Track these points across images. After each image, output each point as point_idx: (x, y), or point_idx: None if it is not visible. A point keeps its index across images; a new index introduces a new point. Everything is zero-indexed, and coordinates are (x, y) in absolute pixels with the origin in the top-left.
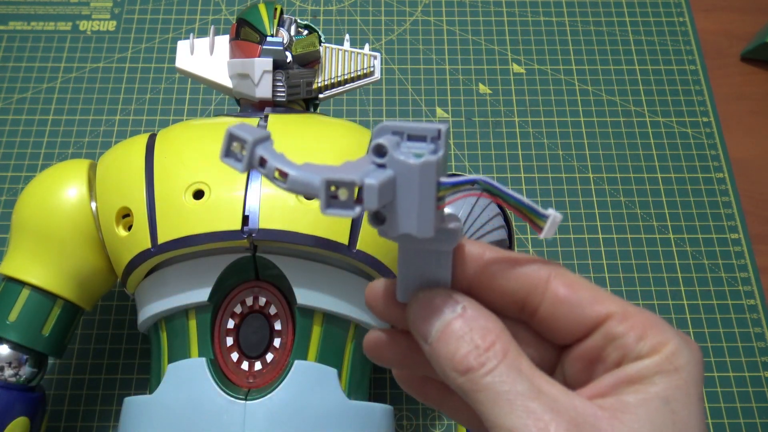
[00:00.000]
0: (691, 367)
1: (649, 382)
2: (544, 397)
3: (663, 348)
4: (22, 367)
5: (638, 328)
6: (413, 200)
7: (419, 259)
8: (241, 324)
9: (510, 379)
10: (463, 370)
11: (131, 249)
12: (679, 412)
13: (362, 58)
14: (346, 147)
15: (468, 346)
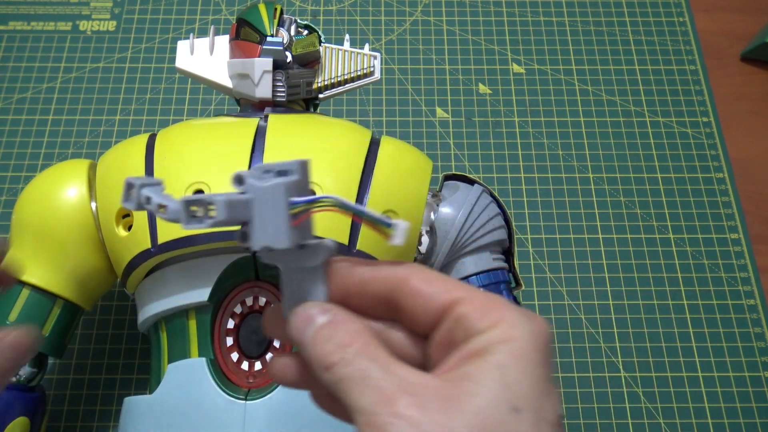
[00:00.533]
0: (526, 336)
1: (488, 352)
2: (394, 377)
3: (501, 322)
4: (22, 367)
5: (480, 308)
6: (269, 216)
7: (296, 277)
8: (241, 324)
9: (364, 367)
10: (328, 366)
11: (131, 249)
12: (510, 374)
13: (362, 58)
14: (346, 147)
15: (333, 345)
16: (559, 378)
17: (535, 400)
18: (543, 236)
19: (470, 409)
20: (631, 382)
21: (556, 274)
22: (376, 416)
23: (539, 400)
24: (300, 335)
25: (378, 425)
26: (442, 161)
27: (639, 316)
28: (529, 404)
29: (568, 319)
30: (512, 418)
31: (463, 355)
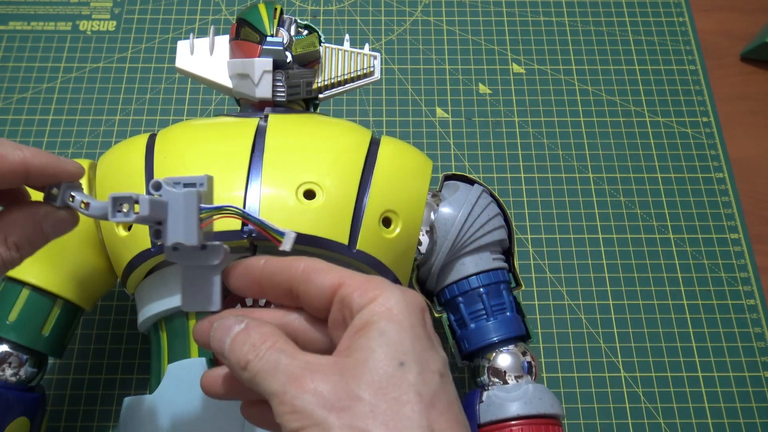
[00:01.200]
0: (400, 306)
1: (370, 323)
2: (300, 362)
3: (378, 297)
4: (22, 367)
5: (359, 288)
6: (181, 218)
7: (195, 274)
8: None
9: (275, 358)
10: (244, 365)
11: (131, 249)
12: (391, 337)
13: (362, 58)
14: (346, 146)
15: (248, 346)
16: (559, 378)
17: (417, 354)
18: (543, 236)
19: (364, 372)
20: (631, 382)
21: (556, 274)
22: (286, 394)
23: (421, 354)
24: (221, 345)
25: (288, 402)
26: (442, 161)
27: (639, 316)
28: (412, 357)
29: (568, 319)
30: (399, 371)
31: (351, 332)
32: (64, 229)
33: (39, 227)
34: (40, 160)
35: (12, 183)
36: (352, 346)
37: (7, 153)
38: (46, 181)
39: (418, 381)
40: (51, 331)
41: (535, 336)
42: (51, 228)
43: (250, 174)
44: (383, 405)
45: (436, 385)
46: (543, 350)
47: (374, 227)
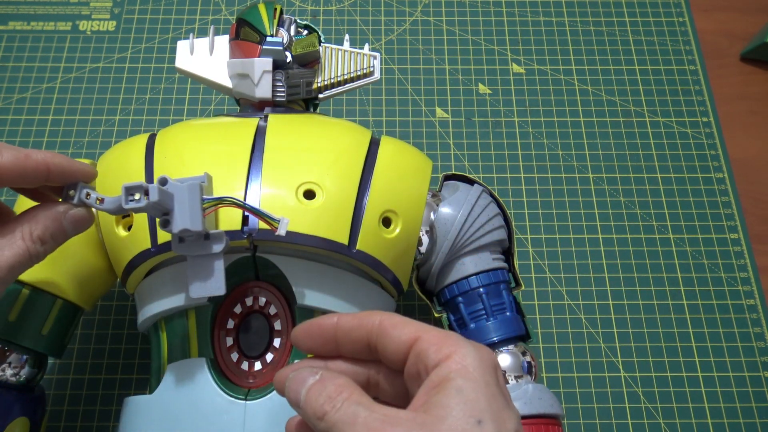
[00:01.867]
0: (476, 363)
1: (447, 380)
2: (378, 415)
3: (454, 354)
4: (22, 367)
5: (435, 344)
6: (186, 207)
7: (200, 263)
8: (241, 324)
9: (352, 410)
10: (321, 416)
11: (131, 249)
12: (469, 395)
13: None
14: (346, 146)
15: (324, 398)
16: (559, 378)
17: (494, 412)
18: (543, 236)
19: (442, 428)
20: (631, 382)
21: (556, 274)
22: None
23: (498, 412)
24: (296, 396)
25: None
26: (441, 161)
27: (639, 316)
28: (490, 416)
29: (568, 319)
30: (477, 428)
31: (428, 387)
32: (82, 225)
33: (60, 224)
34: (60, 160)
35: (35, 181)
36: (430, 402)
37: (30, 152)
38: (65, 179)
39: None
40: (51, 331)
41: (535, 336)
42: (70, 225)
43: (250, 174)
44: None
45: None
46: (543, 350)
47: (374, 227)
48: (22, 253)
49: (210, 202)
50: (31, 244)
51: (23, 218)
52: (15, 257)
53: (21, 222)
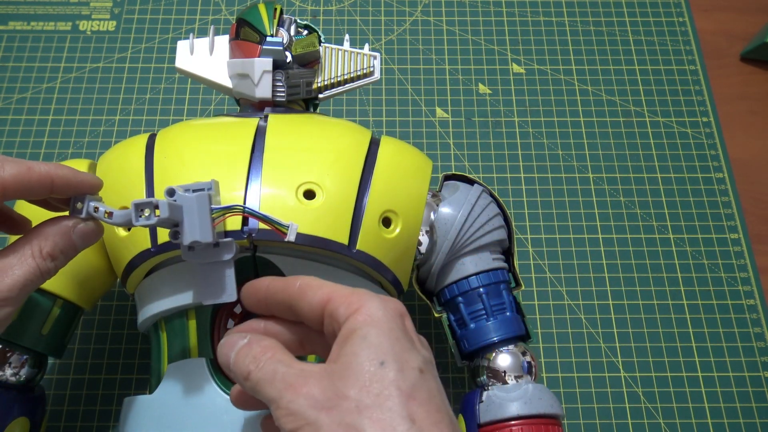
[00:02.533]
0: (380, 313)
1: (355, 331)
2: (295, 370)
3: (361, 308)
4: (22, 367)
5: (344, 302)
6: (196, 218)
7: (210, 270)
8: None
9: (272, 368)
10: (246, 375)
11: (131, 249)
12: (372, 339)
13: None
14: (346, 146)
15: (248, 358)
16: (559, 378)
17: (397, 353)
18: (543, 236)
19: (349, 374)
20: (631, 382)
21: (556, 274)
22: (282, 399)
23: (401, 353)
24: (226, 359)
25: (284, 406)
26: (441, 161)
27: (639, 316)
28: (392, 357)
29: (568, 319)
30: (381, 369)
31: (339, 341)
32: (92, 239)
33: (69, 238)
34: (64, 173)
35: (39, 194)
36: (340, 354)
37: (33, 165)
38: (70, 192)
39: (398, 377)
40: (51, 331)
41: (535, 336)
42: (80, 239)
43: (250, 174)
44: (367, 401)
45: (414, 379)
46: (543, 350)
47: (374, 227)
48: (32, 271)
49: (219, 212)
50: (42, 261)
51: (32, 235)
52: (26, 276)
53: (30, 239)
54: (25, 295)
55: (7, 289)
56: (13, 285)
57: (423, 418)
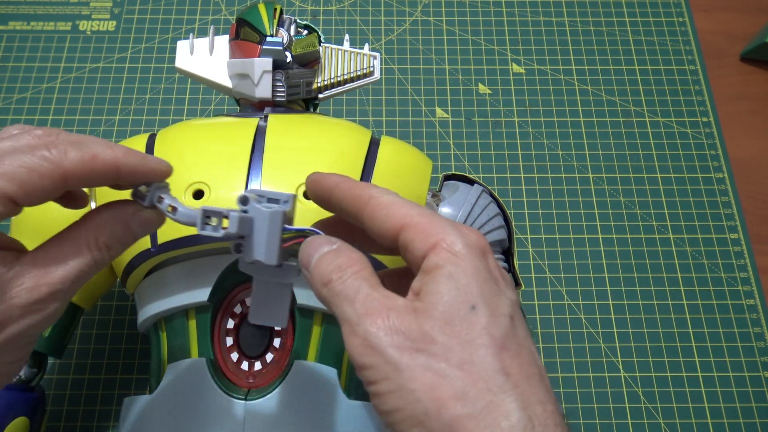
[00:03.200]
0: (465, 250)
1: (436, 268)
2: (377, 296)
3: (441, 242)
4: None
5: (421, 232)
6: (264, 236)
7: (267, 288)
8: (240, 324)
9: (356, 285)
10: (326, 282)
11: (131, 249)
12: (460, 281)
13: (362, 58)
14: (346, 147)
15: (332, 266)
16: (559, 378)
17: (486, 298)
18: (543, 236)
19: (437, 316)
20: (630, 382)
21: (556, 274)
22: (359, 326)
23: (490, 298)
24: (308, 259)
25: (361, 334)
26: (441, 161)
27: (639, 316)
28: (482, 301)
29: (568, 319)
30: (471, 314)
31: (420, 276)
32: (151, 229)
33: (128, 226)
34: (132, 161)
35: (103, 182)
36: (423, 290)
37: (99, 152)
38: (136, 181)
39: (489, 324)
40: (51, 331)
41: (535, 336)
42: (140, 227)
43: (250, 174)
44: (457, 347)
45: (506, 327)
46: (543, 350)
47: None
48: (87, 262)
49: (290, 233)
50: (98, 252)
51: (88, 223)
52: (80, 267)
53: (86, 227)
54: (77, 287)
55: (59, 281)
56: (65, 277)
57: (516, 372)
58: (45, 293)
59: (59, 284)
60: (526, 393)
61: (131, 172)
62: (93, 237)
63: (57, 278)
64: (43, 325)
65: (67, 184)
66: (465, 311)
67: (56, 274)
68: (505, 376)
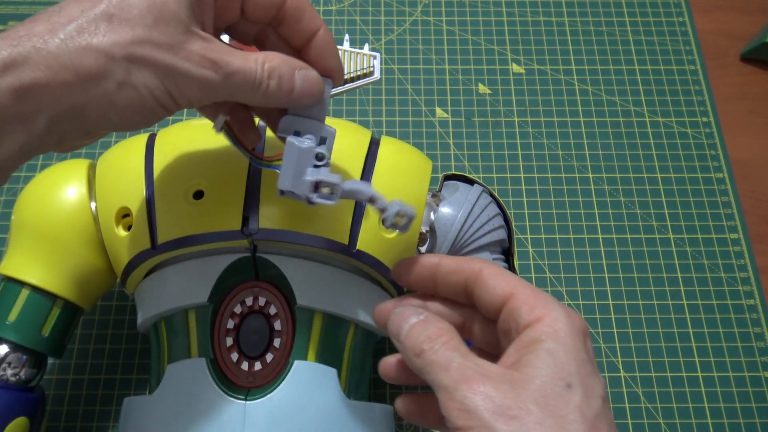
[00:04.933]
0: (567, 328)
1: (538, 342)
2: (471, 364)
3: (546, 317)
4: (22, 367)
5: (528, 303)
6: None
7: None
8: (240, 324)
9: (449, 355)
10: (419, 353)
11: (131, 249)
12: (559, 358)
13: (362, 58)
14: (346, 146)
15: (423, 336)
16: None
17: (583, 378)
18: (543, 236)
19: (533, 388)
20: (631, 382)
21: (556, 274)
22: (456, 391)
23: (586, 378)
24: (398, 330)
25: (458, 399)
26: (441, 161)
27: (639, 316)
28: (579, 381)
29: None
30: (567, 392)
31: (518, 346)
32: (310, 89)
33: (293, 73)
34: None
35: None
36: (520, 361)
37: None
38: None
39: (583, 403)
40: (51, 331)
41: None
42: (302, 82)
43: (250, 174)
44: (550, 420)
45: (598, 409)
46: None
47: (374, 227)
48: (251, 69)
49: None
50: (261, 69)
51: (257, 53)
52: (244, 71)
53: (255, 53)
54: (234, 86)
55: (224, 69)
56: (231, 71)
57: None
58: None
59: (214, 67)
60: None
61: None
62: (261, 58)
63: (215, 65)
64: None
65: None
66: (561, 388)
67: (219, 62)
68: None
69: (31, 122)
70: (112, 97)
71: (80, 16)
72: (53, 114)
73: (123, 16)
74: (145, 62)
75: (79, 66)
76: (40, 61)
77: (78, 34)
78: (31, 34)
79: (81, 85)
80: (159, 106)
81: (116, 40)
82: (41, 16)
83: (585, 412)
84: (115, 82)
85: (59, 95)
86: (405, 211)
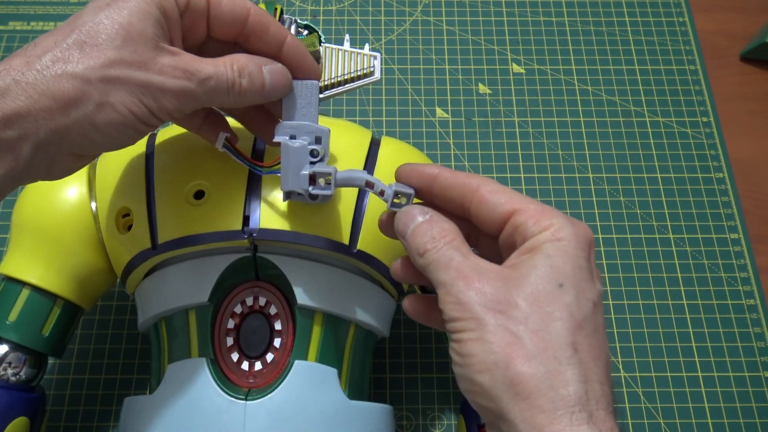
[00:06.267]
0: (570, 237)
1: (540, 248)
2: (470, 263)
3: (550, 227)
4: (22, 367)
5: (534, 216)
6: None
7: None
8: (241, 324)
9: (450, 254)
10: (422, 252)
11: (131, 249)
12: (556, 261)
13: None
14: (346, 146)
15: (427, 236)
16: None
17: (577, 281)
18: None
19: (525, 285)
20: (631, 382)
21: None
22: (453, 287)
23: (581, 282)
24: (404, 228)
25: (454, 294)
26: (442, 161)
27: (639, 316)
28: (572, 282)
29: None
30: (558, 291)
31: (521, 252)
32: (280, 82)
33: (260, 69)
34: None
35: (230, 27)
36: (518, 263)
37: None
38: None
39: (572, 303)
40: (51, 331)
41: None
42: (271, 75)
43: (251, 173)
44: (536, 316)
45: (587, 310)
46: None
47: (374, 227)
48: (222, 72)
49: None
50: (231, 71)
51: (223, 57)
52: (216, 75)
53: (222, 57)
54: (209, 92)
55: (196, 76)
56: (204, 77)
57: (585, 351)
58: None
59: (195, 75)
60: (589, 371)
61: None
62: (229, 61)
63: (196, 74)
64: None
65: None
66: (552, 287)
67: (198, 71)
68: (573, 351)
69: (16, 149)
70: (93, 118)
71: (54, 47)
72: (37, 140)
73: (94, 42)
74: (119, 81)
75: (57, 92)
76: (20, 92)
77: (53, 64)
78: (9, 68)
79: (61, 109)
80: (139, 122)
81: (90, 64)
82: (18, 52)
83: (573, 311)
84: (94, 104)
85: (41, 121)
86: (403, 191)
